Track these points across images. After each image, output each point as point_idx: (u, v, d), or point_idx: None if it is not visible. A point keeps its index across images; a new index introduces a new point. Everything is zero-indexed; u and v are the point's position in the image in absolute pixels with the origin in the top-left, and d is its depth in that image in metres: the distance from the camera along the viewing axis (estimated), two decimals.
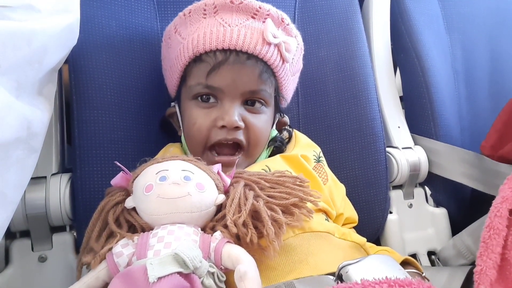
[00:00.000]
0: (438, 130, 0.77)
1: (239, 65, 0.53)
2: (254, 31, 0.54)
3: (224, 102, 0.54)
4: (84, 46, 0.61)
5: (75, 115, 0.60)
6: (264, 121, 0.57)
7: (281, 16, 0.57)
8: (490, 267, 0.43)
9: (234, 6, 0.55)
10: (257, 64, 0.54)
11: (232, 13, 0.55)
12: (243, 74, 0.54)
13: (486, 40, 0.92)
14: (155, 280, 0.34)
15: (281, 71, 0.57)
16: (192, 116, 0.56)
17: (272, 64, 0.55)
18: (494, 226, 0.45)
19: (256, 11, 0.55)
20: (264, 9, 0.55)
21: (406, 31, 0.83)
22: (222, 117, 0.53)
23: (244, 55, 0.53)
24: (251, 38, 0.53)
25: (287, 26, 0.58)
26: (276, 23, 0.56)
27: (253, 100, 0.56)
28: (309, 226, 0.50)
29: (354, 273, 0.40)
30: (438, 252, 0.73)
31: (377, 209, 0.71)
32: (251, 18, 0.55)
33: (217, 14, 0.55)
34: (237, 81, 0.54)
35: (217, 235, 0.42)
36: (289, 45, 0.56)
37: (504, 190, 0.49)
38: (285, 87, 0.60)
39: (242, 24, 0.54)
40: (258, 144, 0.57)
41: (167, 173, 0.43)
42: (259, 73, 0.54)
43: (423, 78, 0.80)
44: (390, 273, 0.37)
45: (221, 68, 0.53)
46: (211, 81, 0.54)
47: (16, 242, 0.58)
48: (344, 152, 0.72)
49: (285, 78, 0.59)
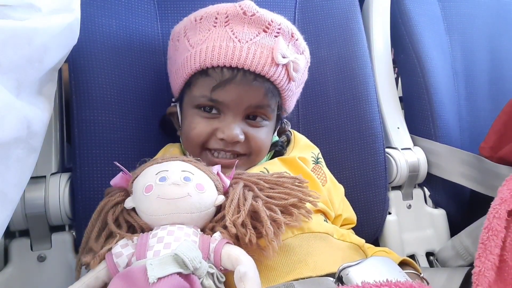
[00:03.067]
0: (437, 131, 0.77)
1: (245, 85, 0.53)
2: (264, 49, 0.53)
3: (226, 116, 0.54)
4: (84, 45, 0.61)
5: (75, 114, 0.60)
6: (265, 133, 0.57)
7: (291, 31, 0.56)
8: (489, 269, 0.43)
9: (246, 18, 0.53)
10: (264, 84, 0.53)
11: (244, 25, 0.53)
12: (248, 93, 0.53)
13: (486, 41, 0.92)
14: (155, 281, 0.34)
15: (286, 90, 0.57)
16: (193, 122, 0.55)
17: (278, 84, 0.55)
18: (492, 228, 0.46)
19: (268, 25, 0.54)
20: (275, 23, 0.54)
21: (406, 32, 0.84)
22: (222, 130, 0.53)
23: (252, 75, 0.52)
24: (260, 58, 0.52)
25: (296, 41, 0.57)
26: (287, 39, 0.55)
27: (254, 115, 0.56)
28: (308, 227, 0.50)
29: (355, 275, 0.40)
30: (437, 253, 0.73)
31: (376, 210, 0.71)
32: (263, 32, 0.54)
33: (228, 25, 0.54)
34: (242, 98, 0.53)
35: (216, 236, 0.42)
36: (297, 64, 0.55)
37: (502, 192, 0.49)
38: (289, 102, 0.60)
39: (252, 40, 0.53)
40: (259, 154, 0.58)
41: (167, 174, 0.43)
42: (265, 92, 0.54)
43: (422, 79, 0.80)
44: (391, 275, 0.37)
45: (226, 86, 0.52)
46: (216, 96, 0.53)
47: (15, 241, 0.58)
48: (344, 152, 0.72)
49: (290, 95, 0.59)
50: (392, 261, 0.44)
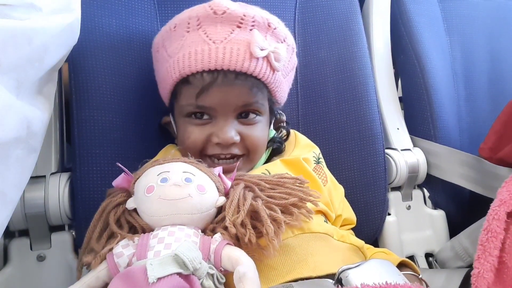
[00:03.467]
0: (437, 132, 0.78)
1: (228, 86, 0.52)
2: (241, 45, 0.51)
3: (218, 119, 0.54)
4: (84, 45, 0.60)
5: (75, 114, 0.60)
6: (260, 129, 0.57)
7: (267, 21, 0.54)
8: (488, 270, 0.43)
9: (217, 17, 0.52)
10: (247, 81, 0.52)
11: (216, 25, 0.52)
12: (233, 92, 0.53)
13: (485, 41, 0.92)
14: (155, 281, 0.34)
15: (272, 81, 0.55)
16: (186, 131, 0.55)
17: (262, 77, 0.53)
18: (492, 229, 0.46)
19: (241, 19, 0.52)
20: (249, 16, 0.52)
21: (406, 33, 0.84)
22: (217, 135, 0.53)
23: (232, 74, 0.51)
24: (238, 55, 0.51)
25: (274, 30, 0.55)
26: (263, 30, 0.54)
27: (246, 112, 0.55)
28: (308, 227, 0.50)
29: (354, 278, 0.40)
30: (436, 254, 0.74)
31: (376, 211, 0.71)
32: (237, 28, 0.52)
33: (200, 28, 0.52)
34: (228, 99, 0.53)
35: (217, 237, 0.42)
36: (278, 54, 0.53)
37: (502, 193, 0.49)
38: (278, 92, 0.58)
39: (227, 38, 0.51)
40: (257, 151, 0.57)
41: (168, 175, 0.43)
42: (249, 88, 0.53)
43: (422, 79, 0.80)
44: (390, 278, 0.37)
45: (209, 90, 0.51)
46: (202, 102, 0.53)
47: (15, 241, 0.58)
48: (343, 153, 0.72)
49: (277, 85, 0.57)
50: (391, 263, 0.45)
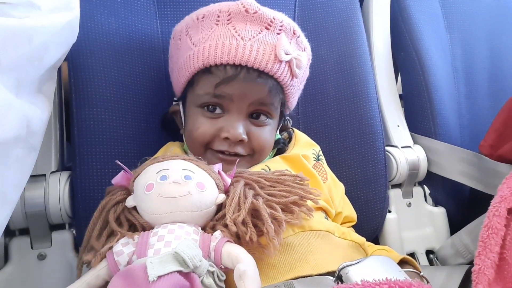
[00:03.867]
0: (437, 129, 0.77)
1: (249, 81, 0.53)
2: (267, 47, 0.53)
3: (230, 113, 0.54)
4: (84, 43, 0.60)
5: (75, 113, 0.60)
6: (268, 132, 0.57)
7: (293, 28, 0.56)
8: (488, 267, 0.43)
9: (248, 15, 0.53)
10: (267, 81, 0.53)
11: (246, 23, 0.53)
12: (252, 89, 0.53)
13: (486, 38, 0.92)
14: (155, 279, 0.34)
15: (289, 86, 0.57)
16: (197, 122, 0.55)
17: (282, 81, 0.55)
18: (492, 226, 0.46)
19: (270, 22, 0.54)
20: (277, 20, 0.54)
21: (406, 30, 0.83)
22: (227, 130, 0.53)
23: (255, 72, 0.52)
24: (263, 55, 0.52)
25: (298, 38, 0.57)
26: (289, 36, 0.55)
27: (258, 113, 0.56)
28: (309, 225, 0.50)
29: (354, 274, 0.40)
30: (437, 251, 0.73)
31: (376, 208, 0.71)
32: (265, 29, 0.54)
33: (230, 23, 0.54)
34: (246, 94, 0.53)
35: (217, 234, 0.42)
36: (300, 61, 0.55)
37: (502, 190, 0.49)
38: (292, 98, 0.60)
39: (255, 38, 0.53)
40: (263, 153, 0.58)
41: (167, 172, 0.43)
42: (269, 89, 0.54)
43: (422, 76, 0.80)
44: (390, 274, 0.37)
45: (230, 82, 0.52)
46: (220, 91, 0.53)
47: (15, 239, 0.58)
48: (343, 150, 0.72)
49: (292, 91, 0.59)
50: (392, 260, 0.44)
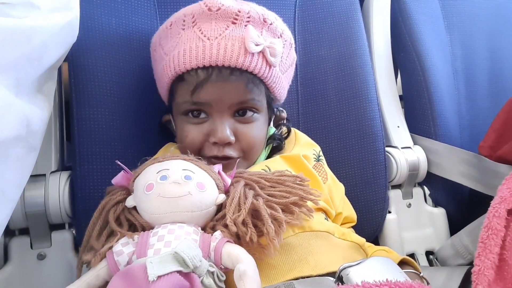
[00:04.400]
0: (437, 130, 0.77)
1: (222, 82, 0.51)
2: (235, 41, 0.51)
3: (214, 117, 0.53)
4: (84, 43, 0.60)
5: (75, 113, 0.60)
6: (257, 128, 0.56)
7: (262, 17, 0.54)
8: (488, 268, 0.43)
9: (212, 13, 0.52)
10: (242, 76, 0.52)
11: (211, 22, 0.52)
12: (228, 88, 0.52)
13: (486, 39, 0.92)
14: (155, 279, 0.34)
15: (269, 77, 0.54)
16: (184, 130, 0.55)
17: (258, 73, 0.53)
18: (492, 226, 0.46)
19: (236, 16, 0.52)
20: (244, 12, 0.52)
21: (406, 30, 0.83)
22: (213, 134, 0.53)
23: (227, 70, 0.51)
24: (232, 51, 0.50)
25: (270, 25, 0.55)
26: (258, 25, 0.53)
27: (243, 109, 0.54)
28: (309, 226, 0.50)
29: (355, 275, 0.40)
30: (436, 251, 0.73)
31: (376, 209, 0.71)
32: (232, 24, 0.52)
33: (196, 25, 0.52)
34: (223, 95, 0.52)
35: (217, 234, 0.42)
36: (274, 49, 0.53)
37: (502, 191, 0.49)
38: (277, 88, 0.58)
39: (221, 35, 0.51)
40: (253, 151, 0.57)
41: (168, 172, 0.43)
42: (245, 84, 0.52)
43: (423, 77, 0.80)
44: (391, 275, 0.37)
45: (204, 86, 0.51)
46: (196, 98, 0.52)
47: (15, 239, 0.58)
48: (344, 151, 0.72)
49: (275, 81, 0.56)
50: (392, 261, 0.44)
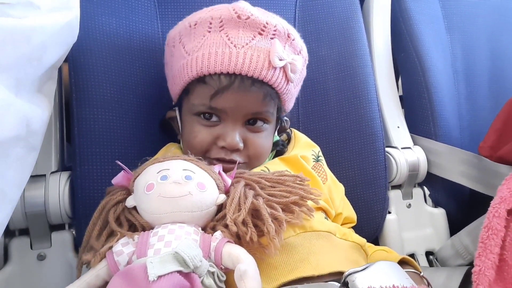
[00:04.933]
0: (437, 130, 0.77)
1: (243, 91, 0.52)
2: (261, 53, 0.52)
3: (226, 123, 0.54)
4: (84, 44, 0.60)
5: (75, 113, 0.60)
6: (265, 137, 0.57)
7: (287, 32, 0.55)
8: (489, 268, 0.43)
9: (241, 21, 0.52)
10: (262, 88, 0.53)
11: (239, 29, 0.53)
12: (247, 98, 0.53)
13: (486, 39, 0.92)
14: (155, 279, 0.34)
15: (285, 92, 0.56)
16: (194, 130, 0.55)
17: (276, 87, 0.54)
18: (492, 227, 0.46)
19: (263, 27, 0.53)
20: (271, 25, 0.53)
21: (406, 31, 0.84)
22: (224, 138, 0.53)
23: (249, 80, 0.52)
24: (257, 62, 0.51)
25: (293, 41, 0.56)
26: (283, 40, 0.55)
27: (255, 119, 0.56)
28: (310, 226, 0.50)
29: (361, 281, 0.39)
30: (436, 252, 0.73)
31: (376, 209, 0.71)
32: (258, 34, 0.53)
33: (223, 30, 0.53)
34: (241, 104, 0.53)
35: (217, 234, 0.42)
36: (295, 66, 0.54)
37: (502, 191, 0.49)
38: (288, 101, 0.59)
39: (248, 44, 0.52)
40: (259, 159, 0.57)
41: (168, 172, 0.42)
42: (263, 96, 0.53)
43: (423, 77, 0.80)
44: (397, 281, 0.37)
45: (224, 93, 0.52)
46: (215, 103, 0.53)
47: (15, 240, 0.57)
48: (344, 151, 0.72)
49: (289, 96, 0.58)
50: (398, 266, 0.44)
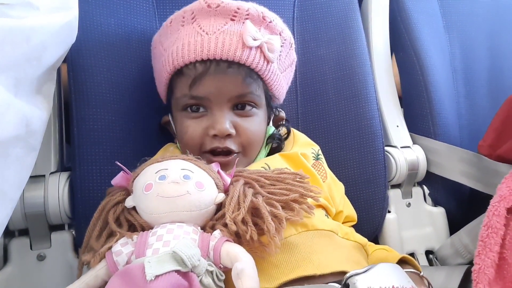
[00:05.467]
0: (436, 129, 0.77)
1: (221, 74, 0.52)
2: (233, 36, 0.52)
3: (213, 111, 0.54)
4: (83, 44, 0.60)
5: (74, 113, 0.60)
6: (256, 123, 0.57)
7: (262, 14, 0.55)
8: (488, 266, 0.43)
9: (211, 10, 0.53)
10: (240, 70, 0.53)
11: (210, 18, 0.53)
12: (226, 81, 0.53)
13: (485, 38, 0.92)
14: (153, 278, 0.34)
15: (266, 72, 0.55)
16: (183, 125, 0.55)
17: (255, 67, 0.53)
18: (492, 225, 0.46)
19: (234, 13, 0.53)
20: (243, 9, 0.53)
21: (405, 30, 0.83)
22: (213, 126, 0.53)
23: (225, 63, 0.52)
24: (230, 45, 0.51)
25: (269, 23, 0.56)
26: (257, 22, 0.54)
27: (242, 104, 0.55)
28: (312, 224, 0.50)
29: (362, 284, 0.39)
30: (436, 251, 0.73)
31: (376, 208, 0.71)
32: (230, 20, 0.53)
33: (195, 21, 0.53)
34: (221, 88, 0.53)
35: (216, 233, 0.42)
36: (272, 45, 0.53)
37: (501, 189, 0.49)
38: (275, 86, 0.58)
39: (220, 30, 0.52)
40: (252, 146, 0.57)
41: (166, 172, 0.43)
42: (243, 78, 0.53)
43: (422, 76, 0.80)
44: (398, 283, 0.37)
45: (202, 79, 0.52)
46: (195, 92, 0.53)
47: (14, 240, 0.58)
48: (343, 151, 0.72)
49: (273, 78, 0.57)
50: (400, 268, 0.44)
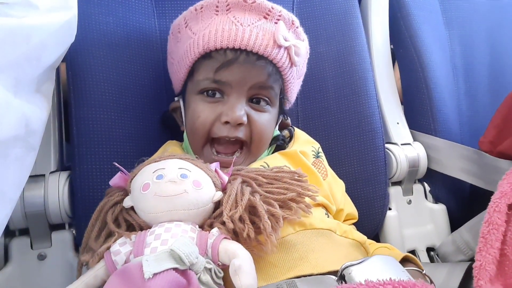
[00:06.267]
0: (437, 126, 0.77)
1: (248, 65, 0.53)
2: (266, 32, 0.54)
3: (230, 98, 0.54)
4: (82, 43, 0.60)
5: (73, 113, 0.60)
6: (268, 119, 0.57)
7: (291, 19, 0.57)
8: (490, 262, 0.43)
9: (247, 5, 0.55)
10: (267, 65, 0.54)
11: (245, 12, 0.55)
12: (252, 72, 0.54)
13: (485, 34, 0.91)
14: (151, 276, 0.34)
15: (288, 74, 0.57)
16: (197, 109, 0.55)
17: (281, 67, 0.55)
18: (493, 221, 0.45)
19: (268, 11, 0.55)
20: (276, 10, 0.55)
21: (405, 26, 0.83)
22: (226, 113, 0.53)
23: (255, 55, 0.53)
24: (263, 39, 0.53)
25: (296, 29, 0.58)
26: (287, 26, 0.56)
27: (258, 98, 0.56)
28: (310, 223, 0.50)
29: (358, 274, 0.39)
30: (437, 248, 0.73)
31: (376, 205, 0.71)
32: (263, 18, 0.55)
33: (230, 12, 0.55)
34: (245, 77, 0.54)
35: (214, 231, 0.42)
36: (299, 48, 0.56)
37: (502, 186, 0.49)
38: (291, 89, 0.60)
39: (254, 24, 0.54)
40: (261, 142, 0.57)
41: (163, 172, 0.43)
42: (268, 74, 0.54)
43: (422, 73, 0.80)
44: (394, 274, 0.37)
45: (230, 66, 0.53)
46: (219, 76, 0.54)
47: (15, 240, 0.58)
48: (343, 148, 0.72)
49: (292, 81, 0.59)
50: (395, 260, 0.44)
